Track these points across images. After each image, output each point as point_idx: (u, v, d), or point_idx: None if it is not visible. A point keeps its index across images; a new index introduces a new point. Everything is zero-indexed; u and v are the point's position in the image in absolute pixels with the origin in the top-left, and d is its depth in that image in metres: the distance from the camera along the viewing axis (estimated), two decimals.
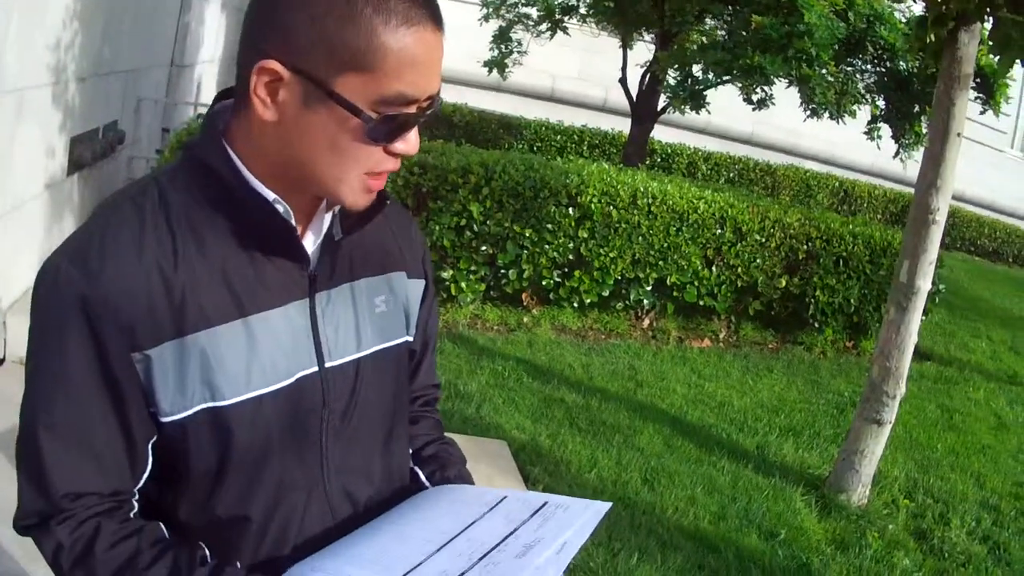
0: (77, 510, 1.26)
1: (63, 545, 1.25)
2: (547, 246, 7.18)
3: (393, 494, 1.48)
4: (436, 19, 1.21)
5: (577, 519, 1.32)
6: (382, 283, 1.45)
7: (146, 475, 1.31)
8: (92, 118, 6.12)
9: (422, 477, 1.59)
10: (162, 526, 1.32)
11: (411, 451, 1.61)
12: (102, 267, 1.21)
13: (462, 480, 1.61)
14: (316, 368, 1.34)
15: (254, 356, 1.28)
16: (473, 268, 7.08)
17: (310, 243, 1.35)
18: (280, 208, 1.28)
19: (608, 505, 1.36)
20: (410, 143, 1.24)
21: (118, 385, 1.23)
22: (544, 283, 7.31)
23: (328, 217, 1.36)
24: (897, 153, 9.76)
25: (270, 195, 1.27)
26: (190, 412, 1.26)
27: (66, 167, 5.77)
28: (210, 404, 1.26)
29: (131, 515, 1.31)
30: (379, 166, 1.24)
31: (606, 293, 7.49)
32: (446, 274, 7.00)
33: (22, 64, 4.73)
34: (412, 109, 1.21)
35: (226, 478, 1.31)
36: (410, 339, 1.51)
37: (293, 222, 1.30)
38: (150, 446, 1.30)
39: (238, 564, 1.32)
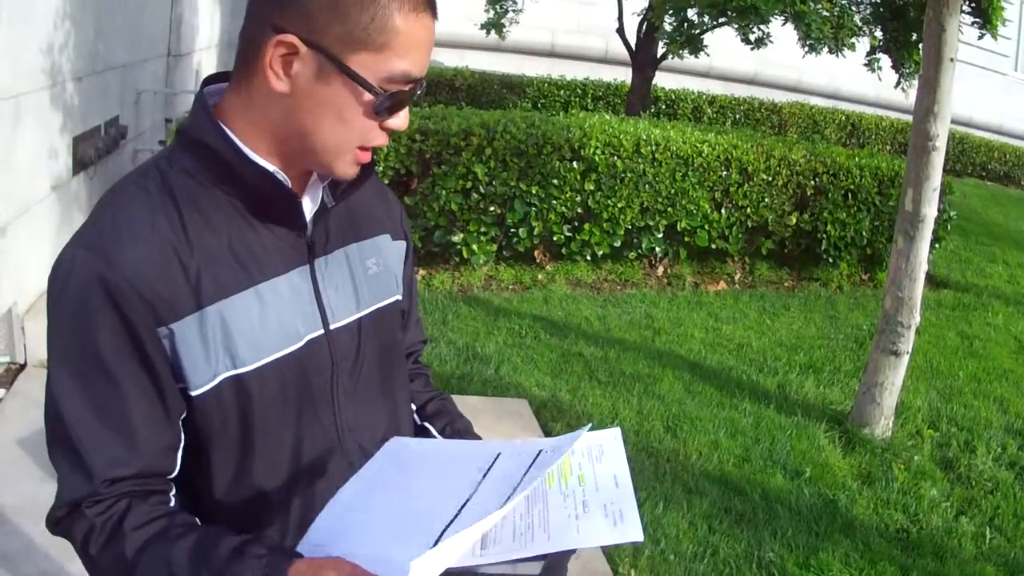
0: (111, 493, 1.28)
1: (94, 527, 1.28)
2: (555, 201, 7.16)
3: None
4: (434, 8, 1.32)
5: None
6: (371, 246, 1.53)
7: (180, 455, 1.35)
8: (92, 116, 6.13)
9: (434, 432, 1.68)
10: (196, 519, 1.34)
11: (415, 407, 1.70)
12: (119, 249, 1.26)
13: (469, 431, 1.71)
14: (322, 331, 1.42)
15: (266, 323, 1.35)
16: (483, 230, 7.06)
17: (307, 211, 1.42)
18: (280, 178, 1.35)
19: (586, 428, 1.39)
20: (403, 119, 1.34)
21: (150, 360, 1.28)
22: (555, 239, 7.30)
23: (321, 187, 1.44)
24: (898, 83, 9.69)
25: (270, 167, 1.34)
26: (216, 382, 1.31)
27: (71, 167, 5.79)
28: (232, 372, 1.32)
29: (167, 504, 1.34)
30: (372, 140, 1.33)
31: (618, 244, 7.48)
32: (456, 238, 6.99)
33: (16, 70, 4.76)
34: (408, 88, 1.31)
35: (254, 448, 1.37)
36: (399, 298, 1.59)
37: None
38: (181, 422, 1.34)
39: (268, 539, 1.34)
